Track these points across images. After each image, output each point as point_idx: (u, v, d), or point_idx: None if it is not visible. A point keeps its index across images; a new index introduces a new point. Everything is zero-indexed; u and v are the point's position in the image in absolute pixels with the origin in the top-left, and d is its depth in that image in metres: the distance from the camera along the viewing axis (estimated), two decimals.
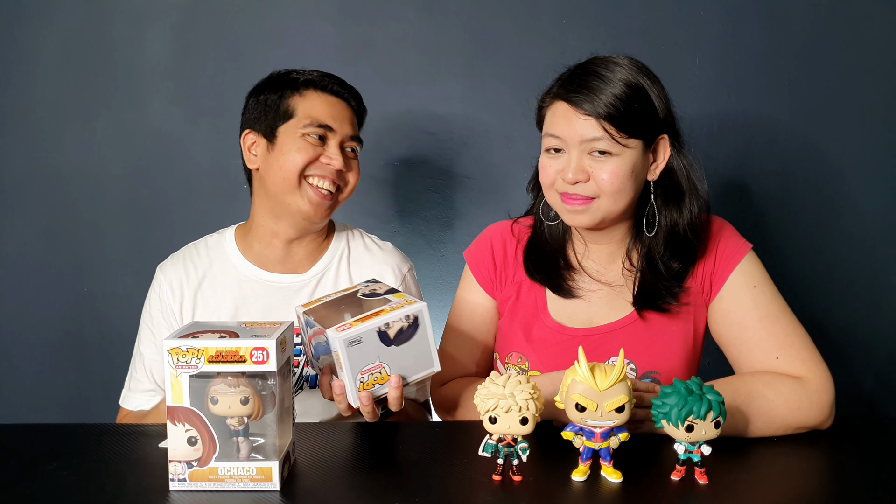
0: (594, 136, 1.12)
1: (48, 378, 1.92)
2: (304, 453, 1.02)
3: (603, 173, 1.12)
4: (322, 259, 1.43)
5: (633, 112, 1.12)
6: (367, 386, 1.02)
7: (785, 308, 1.17)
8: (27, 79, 1.84)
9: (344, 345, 0.99)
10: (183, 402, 0.88)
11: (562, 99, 1.15)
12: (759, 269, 1.20)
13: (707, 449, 0.90)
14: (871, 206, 1.86)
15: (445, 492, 0.91)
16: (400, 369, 1.03)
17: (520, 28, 1.83)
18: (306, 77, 1.37)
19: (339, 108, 1.36)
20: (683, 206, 1.19)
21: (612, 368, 0.88)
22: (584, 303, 1.25)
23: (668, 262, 1.20)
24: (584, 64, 1.18)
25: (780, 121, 1.84)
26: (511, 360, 1.26)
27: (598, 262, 1.26)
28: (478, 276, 1.32)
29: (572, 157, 1.14)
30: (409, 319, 1.03)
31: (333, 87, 1.37)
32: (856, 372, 1.90)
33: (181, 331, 0.91)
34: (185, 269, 1.40)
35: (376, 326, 1.01)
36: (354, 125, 1.39)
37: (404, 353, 1.03)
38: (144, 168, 1.87)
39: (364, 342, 1.00)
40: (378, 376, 1.02)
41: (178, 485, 0.90)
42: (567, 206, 1.17)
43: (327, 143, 1.34)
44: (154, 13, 1.84)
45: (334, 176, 1.34)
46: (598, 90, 1.12)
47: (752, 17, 1.81)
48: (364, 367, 1.01)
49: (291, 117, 1.33)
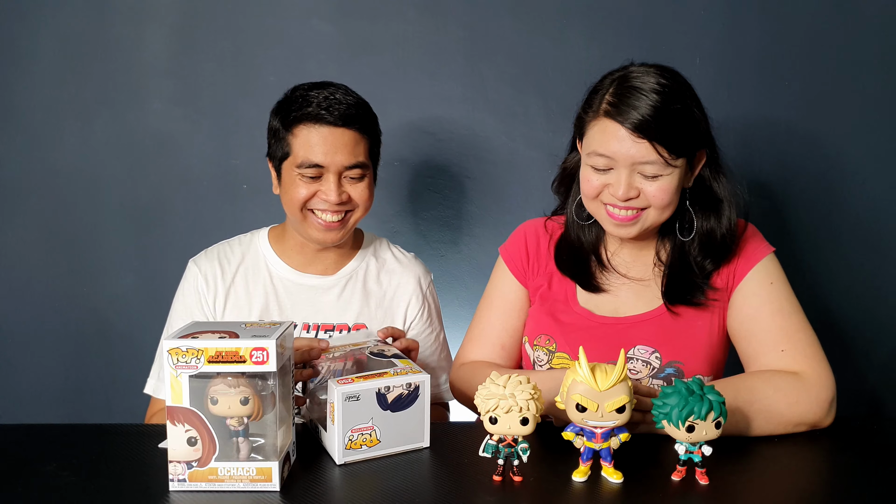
0: (648, 160, 1.13)
1: (48, 378, 1.91)
2: (304, 453, 1.02)
3: (653, 189, 1.15)
4: (350, 263, 1.48)
5: (682, 133, 1.13)
6: (355, 445, 1.00)
7: (798, 308, 1.20)
8: (26, 79, 1.84)
9: (342, 398, 0.98)
10: (183, 402, 0.88)
11: (611, 118, 1.14)
12: (777, 270, 1.23)
13: (708, 449, 0.90)
14: (872, 205, 1.85)
15: (446, 492, 0.91)
16: (390, 436, 1.02)
17: (520, 28, 1.83)
18: (301, 111, 1.32)
19: (333, 138, 1.32)
20: (722, 213, 1.22)
21: (612, 369, 0.88)
22: (611, 296, 1.28)
23: (702, 263, 1.23)
24: (629, 77, 1.15)
25: (780, 120, 1.84)
26: (539, 342, 1.29)
27: (627, 258, 1.30)
28: (511, 267, 1.35)
29: (622, 176, 1.15)
30: (410, 388, 1.02)
31: (328, 117, 1.31)
32: (857, 371, 1.90)
33: (180, 331, 0.91)
34: (220, 264, 1.43)
35: (377, 387, 1.00)
36: (355, 151, 1.34)
37: (398, 421, 1.02)
38: (144, 168, 1.87)
39: (362, 400, 1.00)
40: (368, 438, 1.01)
41: (178, 485, 0.90)
42: (614, 221, 1.19)
43: (323, 177, 1.33)
44: (154, 13, 1.83)
45: (335, 207, 1.35)
46: (647, 111, 1.11)
47: (752, 17, 1.81)
48: (356, 425, 1.00)
49: (289, 154, 1.35)
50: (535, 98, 1.84)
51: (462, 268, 1.91)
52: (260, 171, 1.86)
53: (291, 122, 1.33)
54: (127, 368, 1.89)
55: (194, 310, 1.41)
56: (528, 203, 1.86)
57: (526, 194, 1.87)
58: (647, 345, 1.22)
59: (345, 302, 1.44)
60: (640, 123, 1.11)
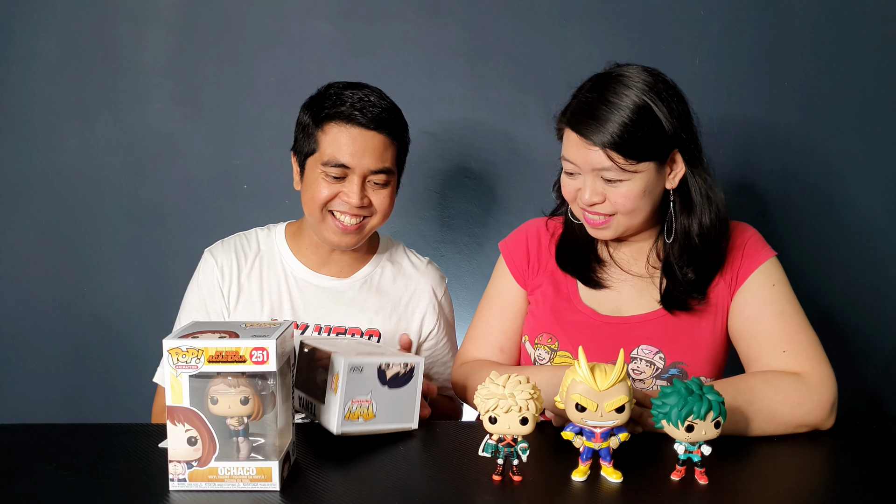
0: (603, 166, 1.14)
1: (48, 378, 1.91)
2: (304, 453, 1.02)
3: (616, 196, 1.16)
4: (366, 266, 1.47)
5: (640, 138, 1.13)
6: (353, 416, 1.04)
7: (799, 310, 1.20)
8: (27, 79, 1.84)
9: (347, 369, 1.02)
10: (183, 402, 0.88)
11: (571, 128, 1.17)
12: (779, 273, 1.23)
13: (707, 449, 0.90)
14: (872, 205, 1.85)
15: (445, 492, 0.91)
16: (385, 413, 1.08)
17: (520, 28, 1.83)
18: (334, 109, 1.31)
19: (363, 140, 1.31)
20: (694, 215, 1.22)
21: (612, 368, 0.88)
22: (613, 292, 1.28)
23: (684, 270, 1.22)
24: (595, 85, 1.17)
25: (780, 121, 1.84)
26: (541, 340, 1.29)
27: (627, 254, 1.30)
28: (511, 266, 1.35)
29: (587, 182, 1.17)
30: (406, 367, 1.09)
31: (360, 118, 1.30)
32: (856, 372, 1.90)
33: (180, 331, 0.91)
34: (236, 255, 1.42)
35: (378, 363, 1.06)
36: (383, 156, 1.33)
37: (393, 398, 1.08)
38: (144, 168, 1.87)
39: (364, 372, 1.05)
40: (365, 410, 1.05)
41: (178, 485, 0.90)
42: (589, 224, 1.22)
43: (347, 178, 1.32)
44: (154, 13, 1.83)
45: (355, 210, 1.33)
46: (603, 120, 1.13)
47: (752, 17, 1.81)
48: (356, 396, 1.04)
49: (316, 150, 1.33)
50: (535, 98, 1.84)
51: (462, 268, 1.91)
52: (260, 171, 1.86)
53: (322, 119, 1.33)
54: (127, 368, 1.89)
55: (208, 301, 1.40)
56: (528, 203, 1.86)
57: (526, 194, 1.87)
58: (651, 345, 1.22)
59: (359, 306, 1.43)
60: (591, 130, 1.13)
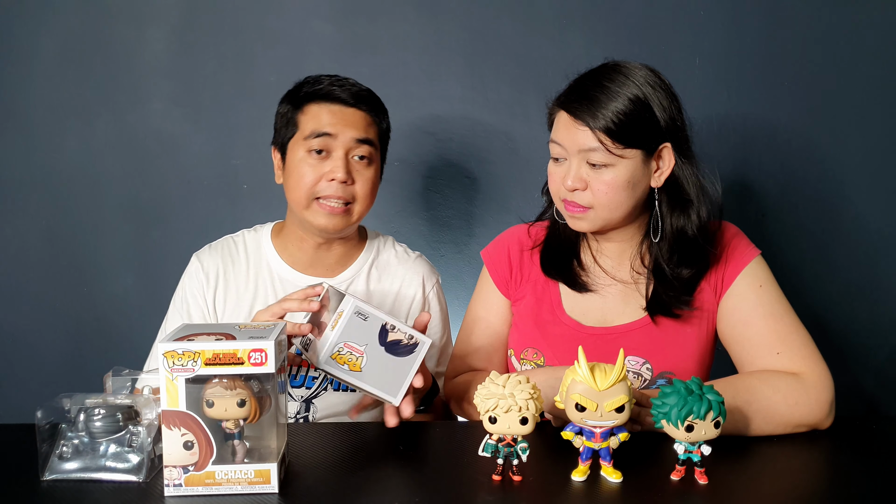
0: (590, 147, 1.13)
1: (48, 378, 1.91)
2: (304, 453, 1.02)
3: (599, 184, 1.14)
4: (353, 265, 1.45)
5: (632, 124, 1.12)
6: (340, 360, 1.02)
7: (789, 309, 1.19)
8: (27, 79, 1.84)
9: (352, 311, 1.01)
10: (179, 405, 0.87)
11: (564, 108, 1.17)
12: (765, 272, 1.22)
13: (707, 449, 0.90)
14: (871, 206, 1.85)
15: (445, 492, 0.91)
16: (372, 372, 1.04)
17: (520, 28, 1.83)
18: (312, 89, 1.35)
19: (343, 115, 1.33)
20: (691, 211, 1.19)
21: (612, 368, 0.88)
22: (598, 298, 1.25)
23: (677, 269, 1.20)
24: (594, 72, 1.18)
25: (780, 121, 1.84)
26: (526, 355, 1.27)
27: (611, 258, 1.27)
28: (494, 276, 1.33)
29: (572, 165, 1.16)
30: (410, 340, 1.06)
31: (339, 94, 1.33)
32: (855, 372, 1.89)
33: (174, 334, 0.90)
34: (223, 260, 1.42)
35: (384, 320, 1.04)
36: (364, 128, 1.35)
37: (385, 363, 1.05)
38: (144, 168, 1.87)
39: (367, 322, 1.03)
40: (354, 360, 1.03)
41: (174, 490, 0.88)
42: (568, 213, 1.20)
43: (331, 153, 1.32)
44: (154, 13, 1.83)
45: (341, 191, 1.32)
46: (598, 102, 1.13)
47: (752, 18, 1.81)
48: (350, 341, 1.02)
49: (297, 130, 1.34)
50: (535, 98, 1.84)
51: (462, 268, 1.91)
52: (260, 171, 1.86)
53: (301, 100, 1.34)
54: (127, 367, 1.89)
55: (191, 304, 1.40)
56: (528, 203, 1.86)
57: (526, 194, 1.86)
58: (638, 355, 1.21)
59: None
60: (584, 111, 1.13)
